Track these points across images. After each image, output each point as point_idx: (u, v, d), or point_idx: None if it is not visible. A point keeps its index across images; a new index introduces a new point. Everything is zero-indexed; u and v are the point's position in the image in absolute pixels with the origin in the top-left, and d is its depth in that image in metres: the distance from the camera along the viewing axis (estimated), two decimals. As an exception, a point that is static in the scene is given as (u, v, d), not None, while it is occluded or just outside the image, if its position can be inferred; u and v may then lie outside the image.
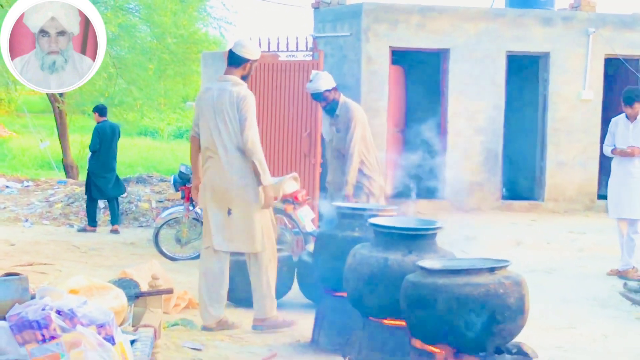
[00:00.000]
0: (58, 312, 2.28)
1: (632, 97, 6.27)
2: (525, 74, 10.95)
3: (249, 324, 4.62)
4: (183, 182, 7.03)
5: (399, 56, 10.28)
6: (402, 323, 3.26)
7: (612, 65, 10.46)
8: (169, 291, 3.36)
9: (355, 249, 3.57)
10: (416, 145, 7.15)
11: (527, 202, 10.40)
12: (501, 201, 10.25)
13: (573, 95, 10.32)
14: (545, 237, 8.27)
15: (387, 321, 3.40)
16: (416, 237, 3.39)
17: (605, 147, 6.56)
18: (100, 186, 8.68)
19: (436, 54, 10.31)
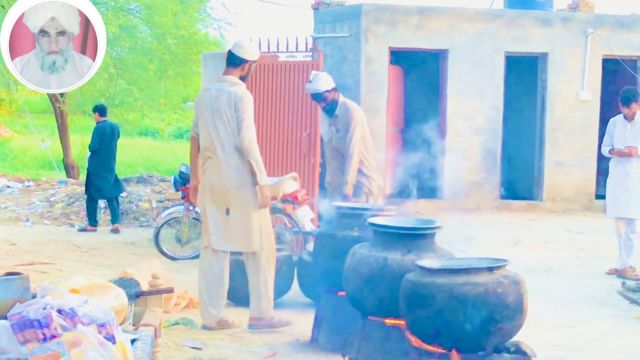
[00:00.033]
0: (59, 311, 2.27)
1: (629, 97, 6.28)
2: (523, 75, 10.96)
3: (249, 323, 4.63)
4: (183, 182, 7.03)
5: (398, 57, 10.29)
6: (402, 322, 3.27)
7: (610, 65, 10.47)
8: (169, 290, 3.37)
9: (354, 249, 3.58)
10: (415, 145, 7.16)
11: (526, 202, 10.41)
12: (500, 201, 10.26)
13: (571, 95, 10.33)
14: (543, 237, 8.27)
15: (387, 320, 3.41)
16: (415, 237, 3.40)
17: (603, 148, 6.58)
18: (99, 186, 8.69)
19: (435, 55, 10.32)
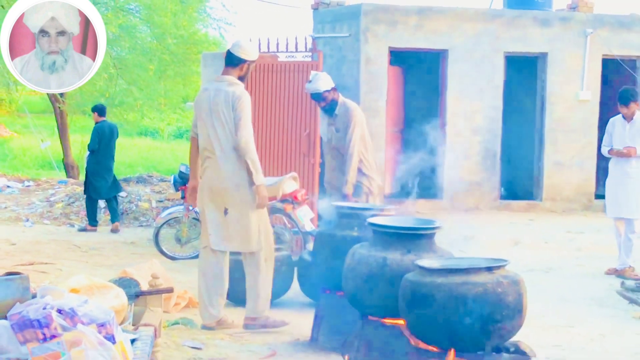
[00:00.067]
0: (59, 311, 2.27)
1: (628, 97, 6.28)
2: (523, 75, 10.97)
3: (248, 323, 4.63)
4: (183, 182, 7.04)
5: (398, 57, 10.30)
6: (401, 322, 3.27)
7: (610, 65, 10.48)
8: (169, 290, 3.36)
9: (354, 249, 3.58)
10: (415, 145, 7.16)
11: (525, 202, 10.42)
12: (499, 201, 10.26)
13: (571, 95, 10.34)
14: (543, 237, 8.28)
15: (386, 320, 3.41)
16: (415, 237, 3.40)
17: (602, 148, 6.59)
18: (98, 186, 8.70)
19: (435, 55, 10.33)
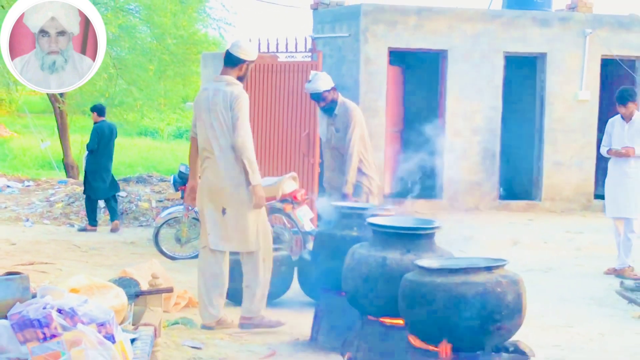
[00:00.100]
0: (59, 311, 2.27)
1: (626, 97, 6.29)
2: (522, 75, 10.98)
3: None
4: (183, 182, 7.05)
5: (397, 57, 10.31)
6: (400, 322, 3.27)
7: (609, 65, 10.49)
8: (169, 290, 3.36)
9: (353, 248, 3.58)
10: (414, 145, 7.17)
11: (525, 202, 10.42)
12: (499, 201, 10.27)
13: (570, 95, 10.35)
14: (542, 237, 8.29)
15: (386, 320, 3.42)
16: (414, 237, 3.41)
17: (602, 148, 6.60)
18: (96, 186, 8.71)
19: (434, 55, 10.33)
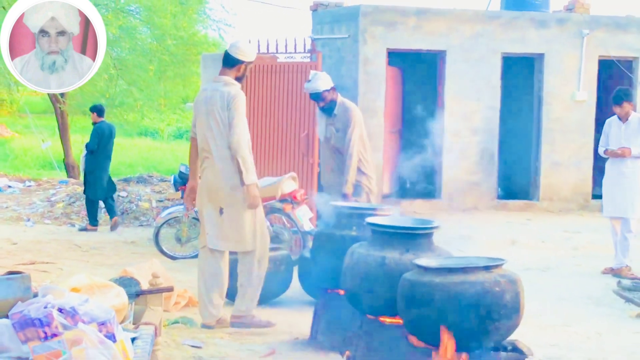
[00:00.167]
0: (60, 310, 2.27)
1: (621, 97, 6.31)
2: (520, 75, 11.00)
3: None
4: (183, 182, 7.06)
5: (396, 57, 10.32)
6: (399, 321, 3.28)
7: (606, 66, 10.51)
8: (169, 289, 3.37)
9: (353, 248, 3.59)
10: (413, 145, 7.20)
11: (523, 202, 10.44)
12: (497, 201, 10.29)
13: (567, 96, 10.37)
14: (540, 236, 8.30)
15: (385, 319, 3.42)
16: (413, 236, 3.42)
17: (599, 148, 6.63)
18: (95, 186, 8.73)
19: (433, 55, 10.35)
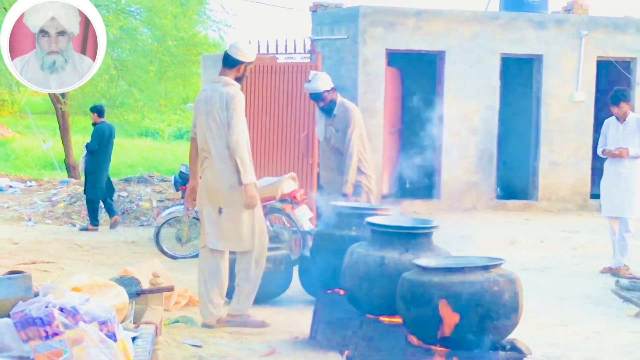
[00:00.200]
0: (61, 310, 2.28)
1: (619, 97, 6.33)
2: (519, 76, 11.02)
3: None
4: (183, 182, 7.07)
5: (395, 58, 10.34)
6: (399, 320, 3.29)
7: (604, 67, 10.53)
8: (170, 289, 3.37)
9: (352, 248, 3.60)
10: (412, 145, 7.22)
11: (521, 202, 10.46)
12: (495, 201, 10.31)
13: (566, 96, 10.39)
14: (539, 236, 8.31)
15: (384, 318, 3.43)
16: (412, 236, 3.43)
17: (598, 148, 6.65)
18: (95, 186, 8.74)
19: (432, 56, 10.37)
